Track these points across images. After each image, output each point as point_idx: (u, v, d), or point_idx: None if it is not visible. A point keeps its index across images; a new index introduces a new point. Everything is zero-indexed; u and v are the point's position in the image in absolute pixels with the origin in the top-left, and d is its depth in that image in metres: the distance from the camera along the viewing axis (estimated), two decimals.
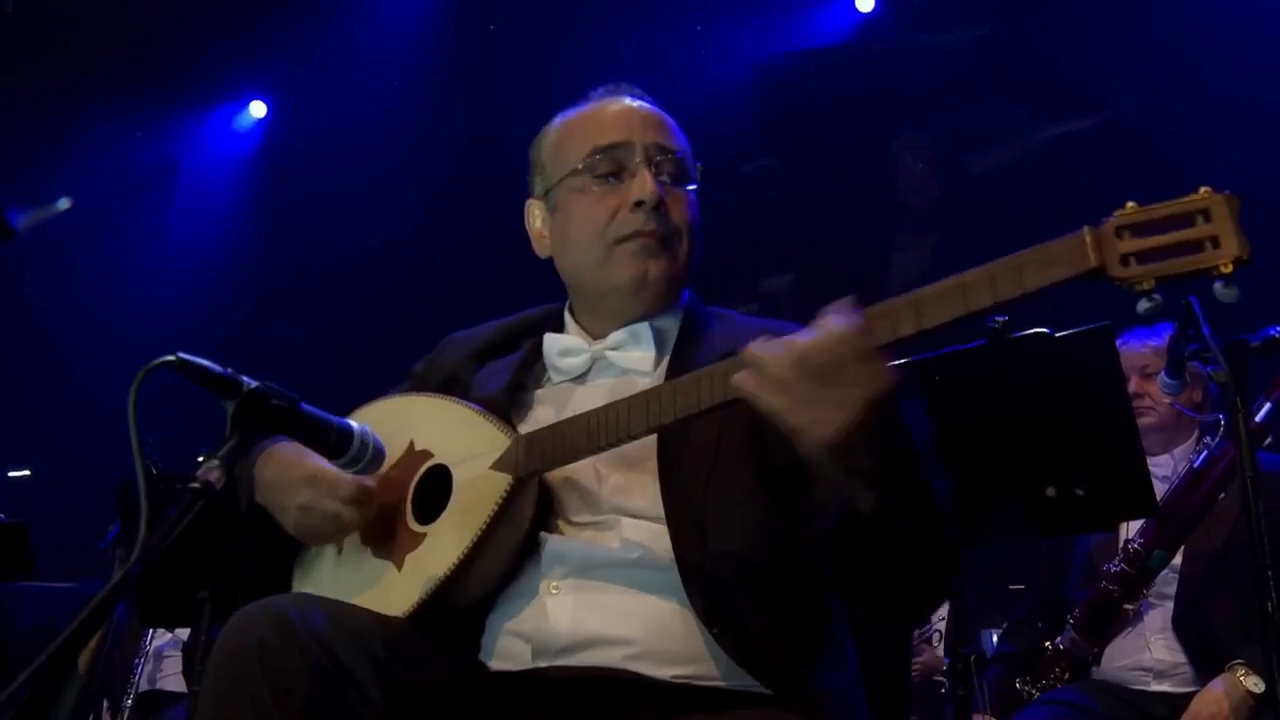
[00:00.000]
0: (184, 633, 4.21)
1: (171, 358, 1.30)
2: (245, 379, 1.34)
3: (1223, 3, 5.26)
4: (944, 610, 3.52)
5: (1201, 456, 2.87)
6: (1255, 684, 2.69)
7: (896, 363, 1.30)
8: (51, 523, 4.82)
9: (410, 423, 1.67)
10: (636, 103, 1.73)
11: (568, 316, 1.77)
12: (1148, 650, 2.92)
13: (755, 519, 1.50)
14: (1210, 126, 5.05)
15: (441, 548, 1.52)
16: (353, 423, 1.46)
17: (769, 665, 1.42)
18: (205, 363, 1.33)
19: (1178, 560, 2.92)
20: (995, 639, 3.44)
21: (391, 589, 1.54)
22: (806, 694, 1.43)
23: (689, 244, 1.67)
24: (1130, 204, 1.14)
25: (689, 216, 1.67)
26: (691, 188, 1.69)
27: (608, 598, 1.47)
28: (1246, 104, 5.06)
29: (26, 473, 6.42)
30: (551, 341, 1.70)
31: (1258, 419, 2.57)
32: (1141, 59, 5.33)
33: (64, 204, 6.36)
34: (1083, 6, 5.56)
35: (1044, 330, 2.27)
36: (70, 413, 6.13)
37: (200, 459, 1.28)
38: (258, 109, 7.22)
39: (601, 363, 1.67)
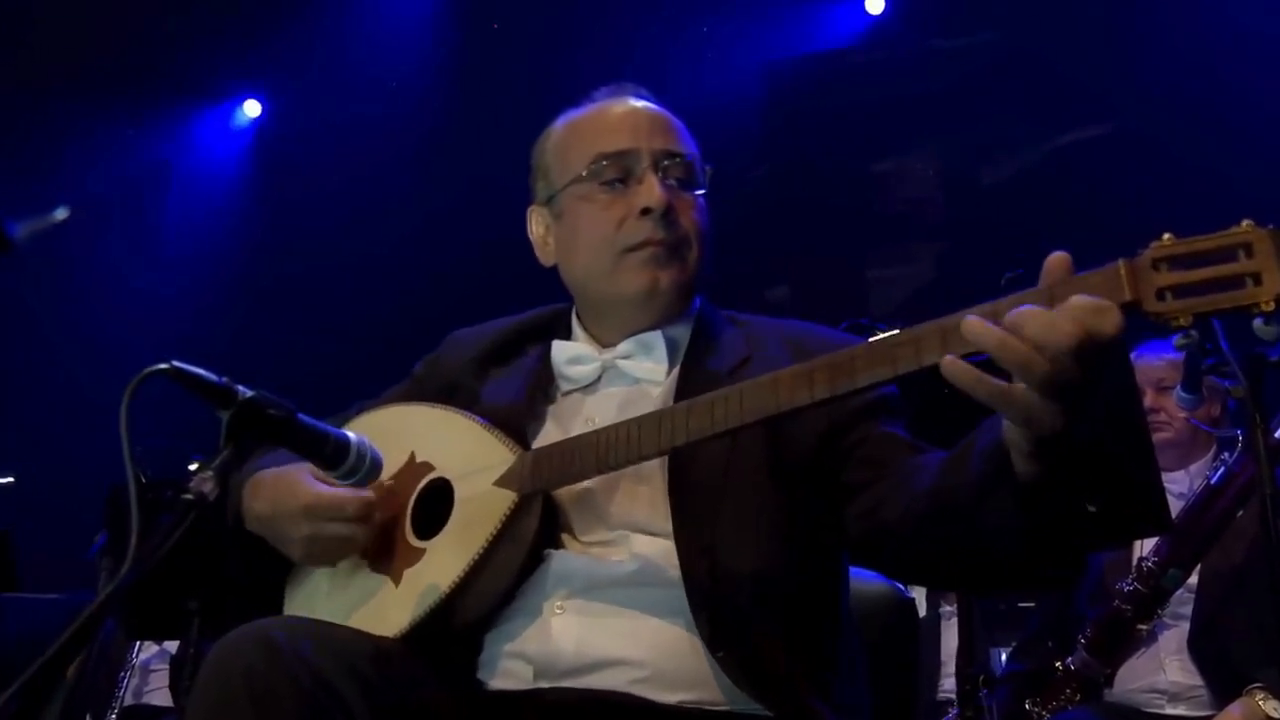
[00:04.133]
0: (172, 646, 4.14)
1: (165, 366, 1.26)
2: (240, 388, 1.29)
3: (1235, 10, 5.25)
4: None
5: (1219, 473, 2.83)
6: (1275, 708, 2.65)
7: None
8: (36, 531, 4.77)
9: (412, 433, 1.62)
10: (642, 104, 1.68)
11: (575, 323, 1.71)
12: (1162, 672, 2.87)
13: (769, 536, 1.46)
14: (1222, 134, 5.05)
15: (441, 564, 1.48)
16: (350, 433, 1.41)
17: (775, 690, 1.39)
18: (200, 371, 1.28)
19: (1193, 579, 2.87)
20: (1004, 658, 3.39)
21: (388, 605, 1.50)
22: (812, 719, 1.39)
23: (699, 250, 1.62)
24: (1168, 235, 1.09)
25: (698, 222, 1.62)
26: (700, 192, 1.65)
27: (614, 619, 1.43)
28: (1259, 112, 5.05)
29: (10, 479, 6.35)
30: (559, 349, 1.66)
31: (1277, 435, 2.55)
32: (1155, 67, 5.33)
33: (61, 214, 6.34)
34: (1095, 13, 5.56)
35: None
36: (55, 418, 6.09)
37: (193, 468, 1.24)
38: (252, 108, 7.18)
39: (612, 371, 1.63)
